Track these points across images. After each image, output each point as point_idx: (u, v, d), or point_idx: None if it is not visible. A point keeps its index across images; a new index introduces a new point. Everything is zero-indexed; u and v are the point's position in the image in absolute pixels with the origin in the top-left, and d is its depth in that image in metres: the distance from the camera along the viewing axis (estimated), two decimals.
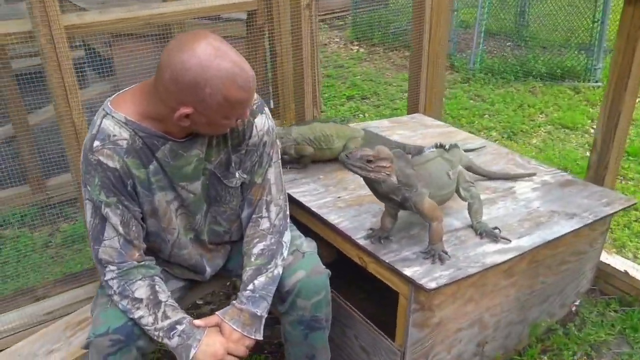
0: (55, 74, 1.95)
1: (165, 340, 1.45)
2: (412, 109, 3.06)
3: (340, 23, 7.71)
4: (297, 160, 2.16)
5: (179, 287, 1.71)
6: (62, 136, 2.05)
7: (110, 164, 1.39)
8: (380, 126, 2.71)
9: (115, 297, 1.46)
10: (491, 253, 1.70)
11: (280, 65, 2.60)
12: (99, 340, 1.42)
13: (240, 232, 1.69)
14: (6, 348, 2.01)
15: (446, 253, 1.63)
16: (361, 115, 4.55)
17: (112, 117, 1.40)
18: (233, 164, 1.57)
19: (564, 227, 1.88)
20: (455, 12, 6.03)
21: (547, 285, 2.06)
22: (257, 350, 2.20)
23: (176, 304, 1.51)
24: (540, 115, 4.47)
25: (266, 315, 1.55)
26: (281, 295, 1.62)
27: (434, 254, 1.62)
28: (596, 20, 4.99)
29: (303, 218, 1.91)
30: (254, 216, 1.62)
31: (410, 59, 2.99)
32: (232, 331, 1.50)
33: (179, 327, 1.46)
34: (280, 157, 1.66)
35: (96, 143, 1.38)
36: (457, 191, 1.85)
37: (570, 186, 2.18)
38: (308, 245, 1.69)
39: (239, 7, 2.40)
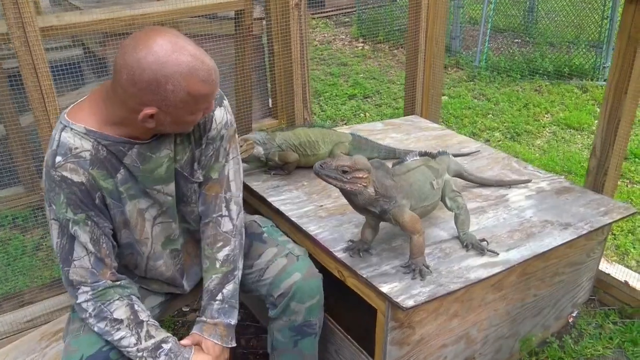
0: (31, 77, 1.90)
1: None
2: (408, 110, 2.97)
3: (347, 20, 7.62)
4: (281, 167, 2.09)
5: (158, 303, 1.66)
6: (40, 141, 2.01)
7: (75, 178, 1.33)
8: (374, 129, 2.63)
9: (91, 320, 1.39)
10: (476, 267, 1.62)
11: (277, 65, 2.54)
12: None
13: None
14: None
15: (427, 267, 1.56)
16: (362, 114, 4.47)
17: (71, 129, 1.33)
18: (197, 160, 1.51)
19: (556, 238, 1.79)
20: (462, 9, 5.91)
21: (540, 298, 1.98)
22: None
23: (157, 324, 1.46)
24: (546, 115, 4.35)
25: (236, 323, 1.54)
26: (274, 299, 1.58)
27: (415, 269, 1.55)
28: (605, 17, 4.85)
29: (284, 227, 1.84)
30: (214, 215, 1.56)
31: (407, 60, 2.90)
32: (213, 345, 1.49)
33: (165, 346, 1.41)
34: (238, 153, 1.61)
35: (58, 158, 1.32)
36: (443, 201, 1.77)
37: (567, 194, 2.08)
38: (299, 249, 1.66)
39: (225, 7, 2.33)
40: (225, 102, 1.54)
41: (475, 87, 4.95)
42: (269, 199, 1.91)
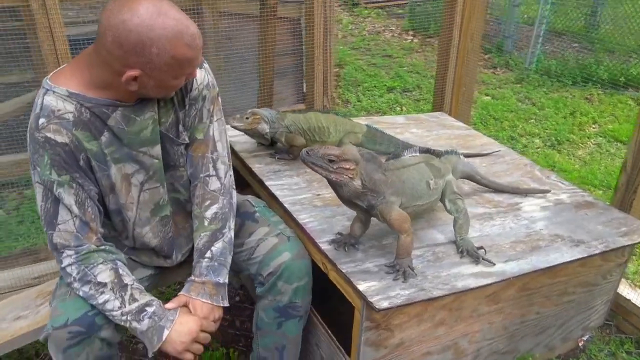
0: (47, 40, 1.93)
1: (134, 324, 1.38)
2: (437, 107, 2.86)
3: (400, 11, 7.45)
4: (286, 150, 2.04)
5: (147, 276, 1.65)
6: None
7: (59, 139, 1.33)
8: (394, 122, 2.54)
9: (75, 284, 1.39)
10: (467, 275, 1.53)
11: (308, 50, 2.48)
12: (57, 332, 1.35)
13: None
14: None
15: (412, 269, 1.48)
16: (398, 108, 4.36)
17: (54, 92, 1.33)
18: (181, 121, 1.50)
19: (563, 255, 1.67)
20: (518, 7, 5.66)
21: (545, 316, 1.85)
22: (233, 343, 2.13)
23: (142, 287, 1.44)
24: (593, 126, 4.11)
25: (227, 282, 1.52)
26: (262, 277, 1.57)
27: (399, 269, 1.47)
28: None
29: (278, 213, 1.79)
30: (201, 175, 1.56)
31: (438, 54, 2.79)
32: (202, 304, 1.46)
33: (149, 309, 1.39)
34: (223, 115, 1.60)
35: (41, 120, 1.32)
36: (443, 202, 1.67)
37: (588, 209, 1.94)
38: (291, 231, 1.65)
39: None
40: (206, 64, 1.53)
41: (522, 90, 4.74)
42: (267, 182, 1.87)
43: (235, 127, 1.95)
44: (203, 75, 1.51)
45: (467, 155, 2.18)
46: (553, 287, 1.79)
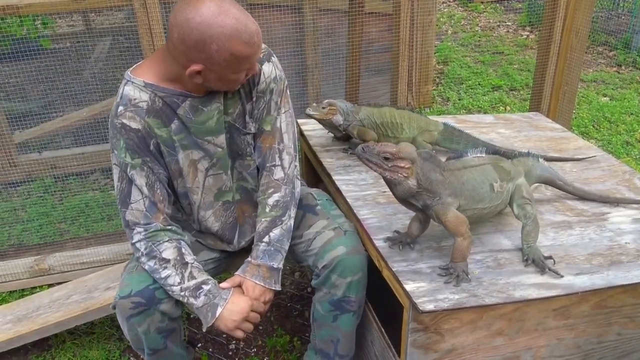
0: (146, 36, 2.11)
1: (191, 300, 1.50)
2: (534, 106, 2.69)
3: (519, 6, 7.06)
4: (356, 146, 2.05)
5: (212, 258, 1.75)
6: None
7: (133, 125, 1.46)
8: (481, 122, 2.43)
9: (143, 258, 1.52)
10: (528, 285, 1.44)
11: (397, 45, 2.46)
12: (122, 302, 1.49)
13: None
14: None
15: (467, 274, 1.42)
16: (501, 107, 4.15)
17: (132, 83, 1.47)
18: (248, 113, 1.58)
19: None
20: None
21: (628, 338, 1.68)
22: (299, 332, 2.19)
23: (201, 267, 1.56)
24: None
25: (281, 267, 1.59)
26: (317, 270, 1.62)
27: (452, 273, 1.42)
28: None
29: (343, 207, 1.81)
30: (267, 165, 1.64)
31: (538, 50, 2.62)
32: (254, 286, 1.55)
33: (205, 287, 1.50)
34: (291, 107, 1.66)
35: (120, 108, 1.47)
36: (511, 207, 1.59)
37: None
38: (349, 225, 1.67)
39: None
40: (274, 58, 1.60)
41: None
42: (334, 176, 1.89)
43: (310, 115, 2.00)
44: (271, 69, 1.57)
45: (553, 160, 2.04)
46: (638, 308, 1.62)
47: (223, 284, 1.56)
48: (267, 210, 1.61)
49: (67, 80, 4.45)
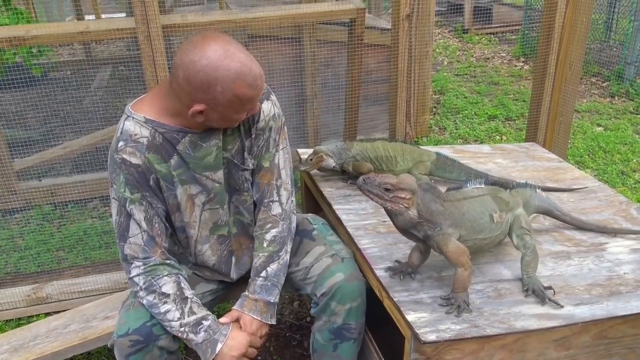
0: (150, 67, 2.14)
1: (191, 336, 1.49)
2: (530, 137, 2.73)
3: (513, 37, 7.21)
4: (355, 177, 2.07)
5: (210, 290, 1.75)
6: None
7: (133, 160, 1.48)
8: (479, 152, 2.47)
9: (141, 293, 1.51)
10: (529, 316, 1.44)
11: (395, 77, 2.51)
12: (120, 340, 1.48)
13: None
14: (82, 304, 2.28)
15: (468, 305, 1.43)
16: (497, 137, 4.20)
17: (133, 118, 1.49)
18: (247, 149, 1.61)
19: None
20: None
21: None
22: None
23: (200, 302, 1.56)
24: None
25: (277, 302, 1.62)
26: (316, 298, 1.62)
27: (454, 303, 1.43)
28: None
29: (343, 237, 1.82)
30: (265, 200, 1.66)
31: (533, 82, 2.67)
32: (252, 320, 1.57)
33: (205, 323, 1.51)
34: (288, 143, 1.70)
35: (120, 143, 1.48)
36: (510, 237, 1.60)
37: None
38: (347, 252, 1.68)
39: (338, 15, 2.37)
40: (273, 96, 1.64)
41: None
42: (334, 206, 1.91)
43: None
44: (270, 107, 1.61)
45: (550, 190, 2.06)
46: (639, 339, 1.62)
47: (222, 319, 1.57)
48: (265, 245, 1.63)
49: (67, 109, 4.49)
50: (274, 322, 1.61)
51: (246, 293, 1.60)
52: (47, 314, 2.41)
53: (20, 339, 2.09)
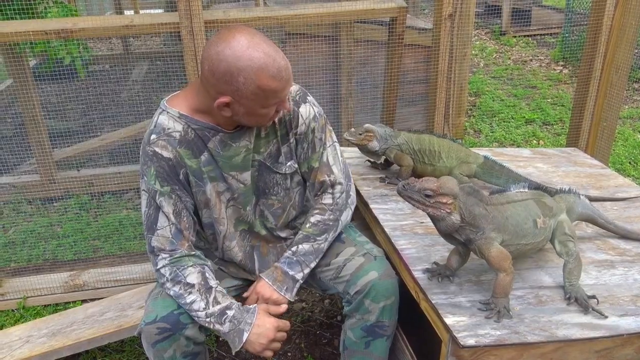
0: (191, 62, 2.16)
1: (217, 327, 1.49)
2: (571, 142, 2.67)
3: (552, 40, 7.05)
4: (396, 176, 2.05)
5: (234, 286, 1.75)
6: None
7: (165, 154, 1.50)
8: (518, 155, 2.42)
9: (167, 284, 1.52)
10: (571, 325, 1.40)
11: (435, 77, 2.48)
12: (147, 328, 1.50)
13: (288, 229, 1.73)
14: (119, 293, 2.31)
15: (508, 311, 1.40)
16: (534, 141, 4.11)
17: (167, 112, 1.51)
18: (283, 155, 1.60)
19: None
20: None
21: None
22: None
23: (224, 291, 1.56)
24: None
25: (301, 281, 1.61)
26: (350, 296, 1.62)
27: (494, 308, 1.40)
28: None
29: (379, 237, 1.81)
30: (319, 193, 1.68)
31: (577, 85, 2.60)
32: (264, 285, 1.59)
33: (229, 313, 1.50)
34: (335, 138, 1.69)
35: (152, 136, 1.50)
36: (553, 244, 1.56)
37: None
38: (378, 251, 1.68)
39: (378, 13, 2.35)
40: (310, 97, 1.63)
41: None
42: (371, 205, 1.89)
43: (347, 140, 2.02)
44: (308, 109, 1.61)
45: (596, 199, 2.00)
46: None
47: (246, 294, 1.62)
48: (307, 226, 1.65)
49: (106, 101, 4.58)
50: (288, 296, 1.59)
51: (276, 263, 1.63)
52: (84, 301, 2.46)
53: (58, 324, 2.14)
